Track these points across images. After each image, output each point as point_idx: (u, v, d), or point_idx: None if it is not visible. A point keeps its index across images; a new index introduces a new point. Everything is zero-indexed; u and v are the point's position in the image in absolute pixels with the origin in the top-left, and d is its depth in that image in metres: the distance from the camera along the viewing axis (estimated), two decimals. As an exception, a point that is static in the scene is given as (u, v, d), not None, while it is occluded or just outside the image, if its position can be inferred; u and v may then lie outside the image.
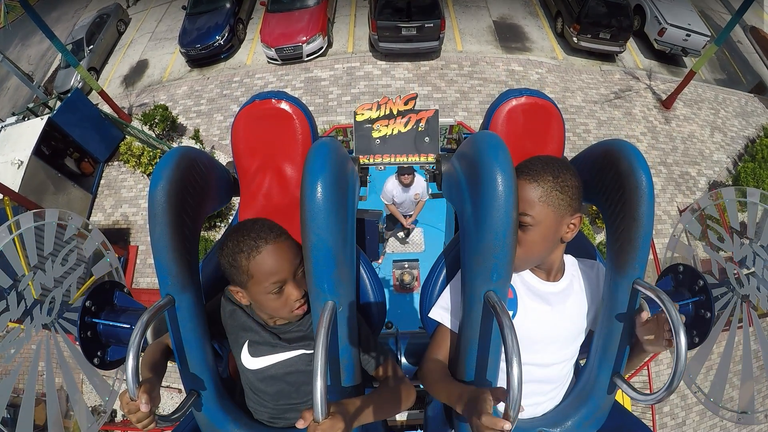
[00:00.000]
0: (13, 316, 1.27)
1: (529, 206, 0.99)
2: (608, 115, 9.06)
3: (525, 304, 1.09)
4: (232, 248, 1.03)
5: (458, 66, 9.75)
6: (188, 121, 9.17)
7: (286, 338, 1.13)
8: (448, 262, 1.23)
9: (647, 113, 9.23)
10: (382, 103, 1.45)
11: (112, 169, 8.69)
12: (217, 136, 8.87)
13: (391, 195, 4.74)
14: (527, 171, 1.02)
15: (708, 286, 1.28)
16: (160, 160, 1.01)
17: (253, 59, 10.35)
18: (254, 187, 1.37)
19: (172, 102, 9.57)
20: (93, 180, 8.37)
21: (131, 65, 11.02)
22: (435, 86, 9.41)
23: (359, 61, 9.92)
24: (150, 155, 7.93)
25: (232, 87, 9.68)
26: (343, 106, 9.08)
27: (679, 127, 9.12)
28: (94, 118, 8.14)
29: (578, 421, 1.13)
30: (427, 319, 1.21)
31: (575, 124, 8.75)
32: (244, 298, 1.09)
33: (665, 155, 8.61)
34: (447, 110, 8.96)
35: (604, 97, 9.36)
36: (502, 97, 1.31)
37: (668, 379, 0.90)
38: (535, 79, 9.55)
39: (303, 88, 9.47)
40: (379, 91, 9.36)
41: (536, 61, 9.95)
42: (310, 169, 0.93)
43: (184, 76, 10.32)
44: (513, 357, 0.79)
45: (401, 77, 9.65)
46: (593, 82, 9.68)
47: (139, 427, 0.89)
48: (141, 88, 10.30)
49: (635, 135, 8.78)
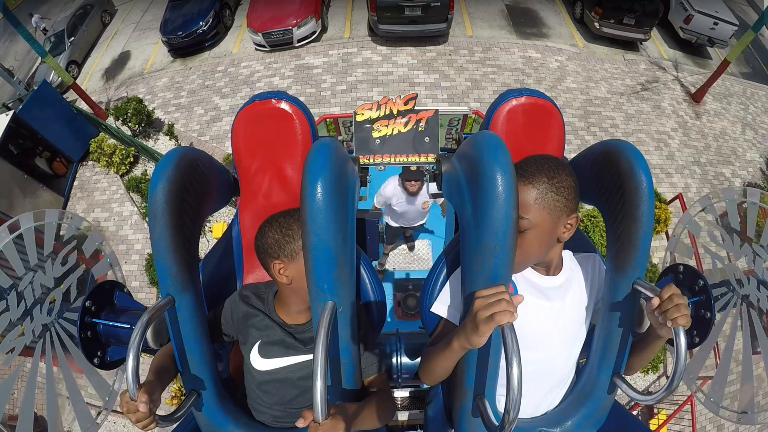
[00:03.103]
0: (13, 316, 1.27)
1: (525, 209, 0.98)
2: (636, 108, 8.28)
3: (525, 300, 1.09)
4: (283, 222, 1.07)
5: (468, 52, 8.83)
6: (166, 116, 8.45)
7: (301, 338, 1.13)
8: (448, 261, 1.23)
9: (677, 107, 8.49)
10: (382, 103, 1.46)
11: (86, 170, 7.97)
12: (197, 131, 8.06)
13: (389, 202, 4.01)
14: (521, 172, 1.00)
15: (708, 286, 1.28)
16: (160, 160, 1.01)
17: (240, 47, 9.53)
18: (254, 187, 1.37)
19: (150, 95, 8.91)
20: (66, 181, 7.69)
21: (113, 57, 10.32)
22: (443, 74, 8.45)
23: (357, 47, 8.97)
24: (122, 154, 7.30)
25: (215, 77, 8.93)
26: (337, 96, 8.18)
27: (711, 123, 8.39)
28: (66, 113, 7.47)
29: (578, 421, 1.13)
30: (427, 315, 1.20)
31: (601, 117, 8.01)
32: (287, 274, 1.08)
33: (698, 154, 7.89)
34: (457, 100, 8.13)
35: (630, 89, 8.56)
36: (501, 97, 1.31)
37: (668, 380, 0.90)
38: (555, 67, 8.72)
39: (293, 77, 8.56)
40: (378, 79, 8.41)
41: (555, 47, 9.08)
42: (310, 169, 0.93)
43: (166, 67, 9.55)
44: (513, 357, 0.79)
45: (404, 63, 8.67)
46: (617, 72, 8.86)
47: (139, 427, 0.89)
48: (121, 81, 9.60)
49: (666, 131, 8.07)
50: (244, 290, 1.21)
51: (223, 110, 8.30)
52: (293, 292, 1.12)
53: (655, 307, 0.91)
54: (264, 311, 1.16)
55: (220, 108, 8.36)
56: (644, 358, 1.12)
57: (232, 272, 1.39)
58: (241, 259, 1.39)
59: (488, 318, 0.81)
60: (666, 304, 0.89)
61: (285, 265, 1.07)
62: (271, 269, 1.09)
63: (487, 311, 0.82)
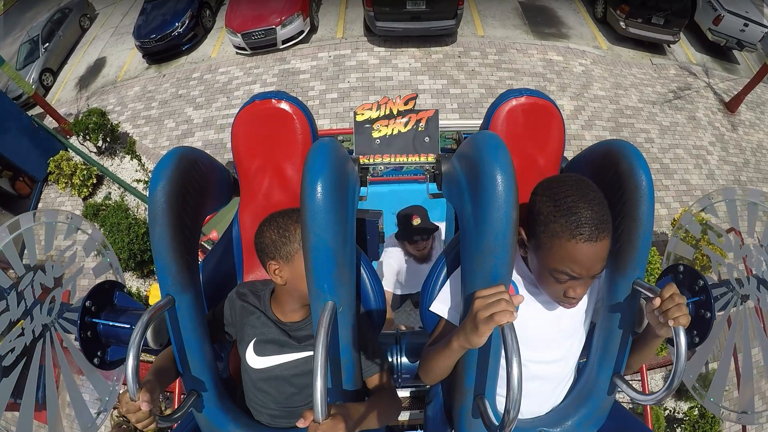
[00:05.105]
0: (13, 316, 1.27)
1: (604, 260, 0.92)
2: (670, 119, 7.50)
3: (525, 300, 1.09)
4: (281, 222, 1.07)
5: (481, 54, 7.80)
6: (135, 129, 7.53)
7: (296, 336, 1.13)
8: (448, 261, 1.23)
9: (712, 118, 7.71)
10: (382, 103, 1.46)
11: (51, 190, 7.05)
12: (166, 148, 7.00)
13: (395, 275, 2.71)
14: (585, 229, 0.88)
15: (708, 286, 1.28)
16: (160, 160, 1.01)
17: (220, 51, 8.55)
18: (254, 187, 1.37)
19: (120, 106, 8.06)
20: (29, 203, 6.89)
21: (89, 65, 9.41)
22: (452, 79, 7.41)
23: (351, 48, 7.85)
24: (84, 174, 6.44)
25: (189, 86, 7.97)
26: (327, 107, 7.13)
27: (747, 135, 7.63)
28: (27, 128, 6.69)
29: (578, 421, 1.13)
30: (427, 314, 1.21)
31: (634, 131, 7.19)
32: (281, 275, 1.08)
33: (738, 171, 7.09)
34: (469, 111, 7.01)
35: (662, 97, 7.76)
36: (501, 97, 1.31)
37: (668, 380, 0.90)
38: (580, 72, 7.82)
39: (276, 84, 7.50)
40: (376, 85, 7.36)
41: (577, 50, 8.15)
42: (310, 170, 0.93)
43: (140, 74, 8.62)
44: (513, 357, 0.79)
45: (406, 67, 7.58)
46: (647, 78, 8.04)
47: (139, 427, 0.89)
48: (93, 90, 8.72)
49: (703, 145, 7.26)
50: (241, 288, 1.22)
51: (196, 123, 7.47)
52: (288, 293, 1.12)
53: (656, 307, 0.91)
54: (260, 308, 1.16)
55: (193, 121, 7.53)
56: (643, 357, 1.13)
57: (232, 272, 1.39)
58: (241, 259, 1.39)
59: (488, 318, 0.81)
60: (666, 303, 0.89)
61: (280, 266, 1.07)
62: (267, 269, 1.10)
63: (486, 311, 0.82)
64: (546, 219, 0.93)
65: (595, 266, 0.92)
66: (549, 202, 0.93)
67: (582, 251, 0.89)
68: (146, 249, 5.69)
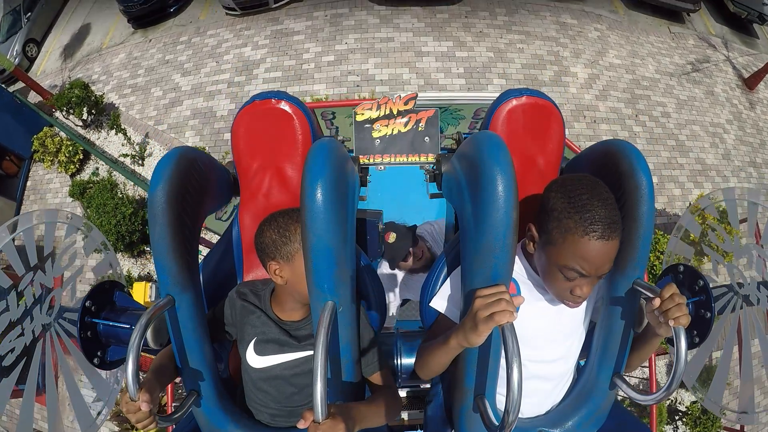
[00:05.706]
0: (13, 316, 1.27)
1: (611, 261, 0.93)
2: (688, 93, 7.04)
3: (525, 300, 1.09)
4: (281, 222, 1.07)
5: (489, 14, 7.26)
6: (121, 99, 7.07)
7: (296, 335, 1.13)
8: (449, 261, 1.23)
9: (730, 94, 7.25)
10: (381, 103, 1.46)
11: (39, 167, 6.78)
12: (153, 118, 6.67)
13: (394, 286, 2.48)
14: (599, 226, 0.88)
15: (708, 286, 1.28)
16: (160, 160, 1.01)
17: (209, 12, 7.99)
18: (254, 187, 1.37)
19: (105, 75, 7.58)
20: (18, 182, 6.72)
21: (73, 32, 8.79)
22: (457, 41, 6.90)
23: (349, 7, 7.29)
24: (69, 151, 6.17)
25: (176, 50, 7.53)
26: (323, 70, 6.62)
27: (765, 114, 7.24)
28: (9, 104, 6.43)
29: (578, 421, 1.13)
30: (426, 310, 1.21)
31: (650, 103, 6.71)
32: (282, 275, 1.08)
33: (754, 152, 6.76)
34: (477, 76, 6.49)
35: (680, 68, 7.31)
36: (502, 97, 1.32)
37: (668, 380, 0.90)
38: (595, 37, 7.34)
39: (268, 46, 7.04)
40: (375, 47, 6.83)
41: (593, 13, 7.61)
42: (310, 170, 0.93)
43: (126, 40, 8.12)
44: (513, 357, 0.79)
45: (408, 27, 7.06)
46: (665, 47, 7.60)
47: (139, 427, 0.89)
48: (78, 59, 8.21)
49: (720, 123, 6.85)
50: (241, 287, 1.22)
51: (184, 91, 7.06)
52: (288, 293, 1.12)
53: (655, 307, 0.91)
54: (261, 308, 1.16)
55: (181, 88, 7.12)
56: (642, 356, 1.13)
57: (232, 272, 1.39)
58: (241, 258, 1.39)
59: (488, 318, 0.81)
60: (666, 303, 0.89)
61: (280, 266, 1.07)
62: (268, 269, 1.10)
63: (486, 311, 0.82)
64: (560, 215, 0.93)
65: (604, 265, 0.92)
66: (563, 199, 0.93)
67: (594, 248, 0.89)
68: (134, 230, 5.56)
